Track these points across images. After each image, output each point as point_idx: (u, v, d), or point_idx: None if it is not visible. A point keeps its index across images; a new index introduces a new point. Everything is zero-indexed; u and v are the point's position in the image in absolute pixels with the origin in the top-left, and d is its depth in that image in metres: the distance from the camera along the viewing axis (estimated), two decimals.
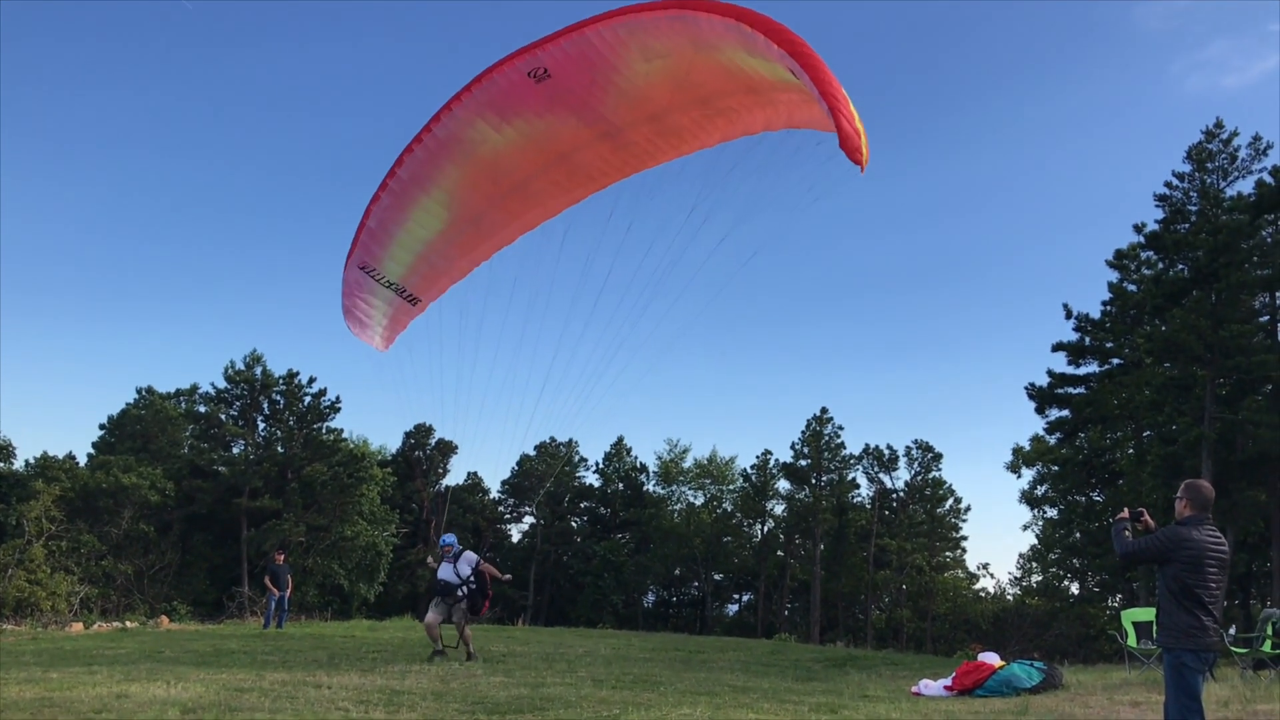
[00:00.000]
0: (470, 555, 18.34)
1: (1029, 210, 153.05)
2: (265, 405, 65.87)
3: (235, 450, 65.87)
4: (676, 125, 14.89)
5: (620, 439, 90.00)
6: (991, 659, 16.04)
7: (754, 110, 14.54)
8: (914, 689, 15.39)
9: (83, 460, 63.52)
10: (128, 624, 32.98)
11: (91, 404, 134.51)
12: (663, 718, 11.06)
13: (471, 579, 18.13)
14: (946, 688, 15.01)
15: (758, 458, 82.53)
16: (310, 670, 15.76)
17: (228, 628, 31.53)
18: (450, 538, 18.61)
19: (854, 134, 11.74)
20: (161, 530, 58.87)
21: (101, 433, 69.19)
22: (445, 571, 18.17)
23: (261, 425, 66.02)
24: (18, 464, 59.55)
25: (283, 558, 30.99)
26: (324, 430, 66.01)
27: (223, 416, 65.57)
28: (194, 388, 69.89)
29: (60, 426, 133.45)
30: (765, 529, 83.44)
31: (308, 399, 66.09)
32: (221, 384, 65.18)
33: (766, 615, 79.52)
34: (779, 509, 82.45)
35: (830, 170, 12.84)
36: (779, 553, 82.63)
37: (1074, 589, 65.84)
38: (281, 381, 65.32)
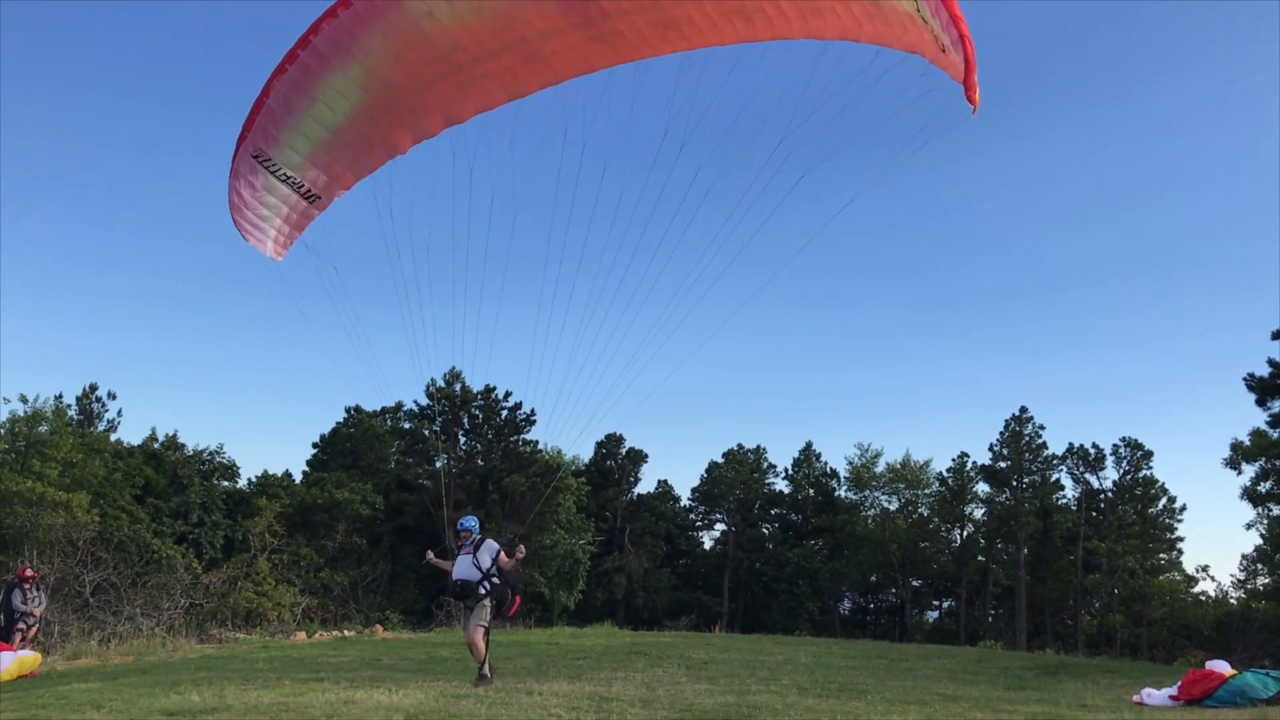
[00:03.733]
0: (492, 544, 14.77)
1: (1237, 191, 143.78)
2: (465, 420, 68.43)
3: (438, 464, 68.65)
4: (685, 16, 12.43)
5: (809, 445, 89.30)
6: (1221, 667, 15.07)
7: (792, 17, 12.18)
8: (1136, 698, 14.66)
9: (298, 477, 67.40)
10: (346, 633, 34.68)
11: (305, 424, 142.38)
12: None
13: (494, 572, 14.58)
14: (1172, 697, 14.23)
15: (954, 460, 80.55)
16: (520, 677, 16.24)
17: (438, 635, 32.77)
18: (470, 521, 15.20)
19: (974, 70, 10.67)
20: (373, 542, 61.83)
21: (315, 451, 73.17)
22: (463, 568, 14.72)
23: (462, 439, 68.67)
24: (241, 483, 63.81)
25: None
26: (520, 442, 67.98)
27: (426, 432, 68.55)
28: (399, 405, 73.13)
29: (278, 446, 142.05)
30: (964, 533, 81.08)
31: (504, 413, 68.26)
32: (424, 401, 68.08)
33: (969, 621, 77.22)
34: (978, 513, 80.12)
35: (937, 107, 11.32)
36: (980, 558, 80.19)
37: None
38: (480, 397, 67.74)
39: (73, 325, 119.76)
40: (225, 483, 62.68)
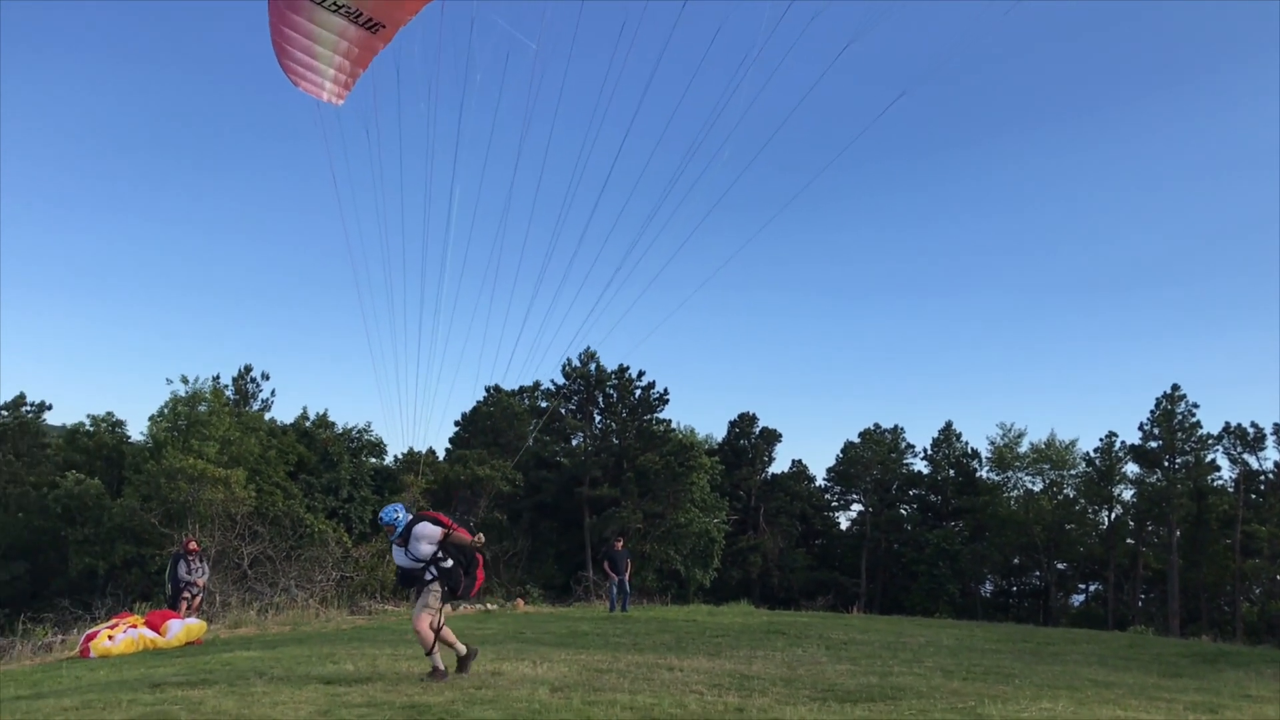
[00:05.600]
0: (426, 529, 12.62)
1: None
2: (600, 399, 69.30)
3: (574, 442, 69.74)
4: None
5: (949, 424, 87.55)
6: None
7: None
8: None
9: (441, 454, 69.26)
10: (489, 606, 35.49)
11: (447, 402, 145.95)
12: (1021, 711, 10.68)
13: (440, 556, 12.61)
14: None
15: (1101, 440, 78.10)
16: (660, 653, 16.39)
17: (577, 610, 33.30)
18: (389, 513, 12.80)
19: None
20: (513, 518, 63.19)
21: (456, 429, 75.06)
22: (400, 558, 12.89)
23: (598, 418, 69.62)
24: (388, 459, 65.94)
25: (621, 544, 32.42)
26: (654, 421, 68.51)
27: (562, 410, 69.66)
28: (536, 385, 74.45)
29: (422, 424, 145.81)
30: (1112, 515, 78.46)
31: (638, 392, 68.86)
32: (560, 380, 69.19)
33: (1117, 606, 74.73)
34: (1127, 494, 77.41)
35: None
36: (1129, 540, 77.52)
37: None
38: (614, 376, 68.48)
39: (228, 308, 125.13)
40: (373, 460, 64.84)
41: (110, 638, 19.00)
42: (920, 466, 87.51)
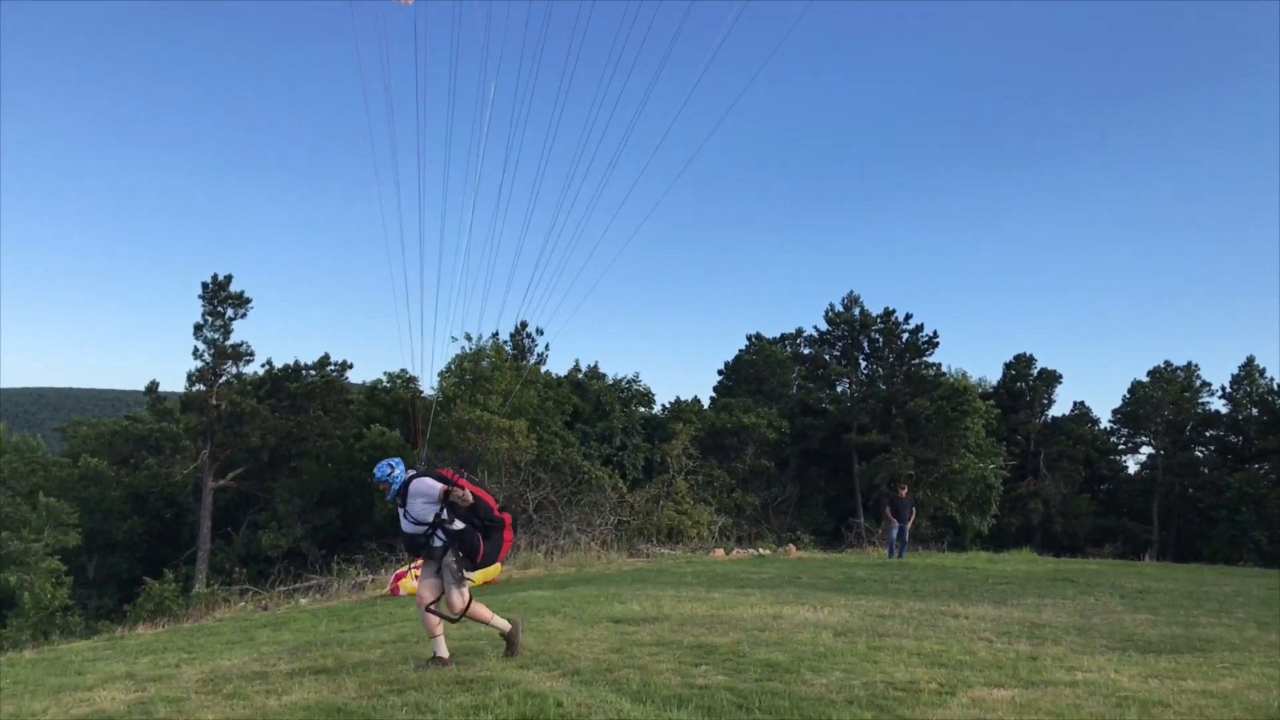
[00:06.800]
0: (424, 486, 10.40)
1: None
2: (865, 344, 68.23)
3: (840, 389, 69.10)
4: None
5: (1250, 360, 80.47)
6: None
7: None
8: None
9: (706, 403, 70.30)
10: (761, 551, 35.89)
11: (711, 352, 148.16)
12: None
13: (445, 516, 10.43)
14: None
15: None
16: (943, 600, 16.10)
17: (851, 556, 33.13)
18: (384, 468, 10.66)
19: None
20: (780, 465, 63.42)
21: (720, 377, 75.84)
22: (401, 521, 10.75)
23: (863, 364, 68.65)
24: (656, 409, 67.64)
25: (905, 491, 32.10)
26: (923, 365, 66.80)
27: (826, 357, 69.13)
28: (798, 331, 74.06)
29: (686, 373, 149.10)
30: None
31: (905, 336, 67.25)
32: (823, 326, 68.58)
33: None
34: None
35: None
36: None
37: None
38: (879, 320, 67.21)
39: (498, 270, 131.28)
40: (642, 409, 66.57)
41: (416, 577, 20.50)
42: (1218, 405, 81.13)
